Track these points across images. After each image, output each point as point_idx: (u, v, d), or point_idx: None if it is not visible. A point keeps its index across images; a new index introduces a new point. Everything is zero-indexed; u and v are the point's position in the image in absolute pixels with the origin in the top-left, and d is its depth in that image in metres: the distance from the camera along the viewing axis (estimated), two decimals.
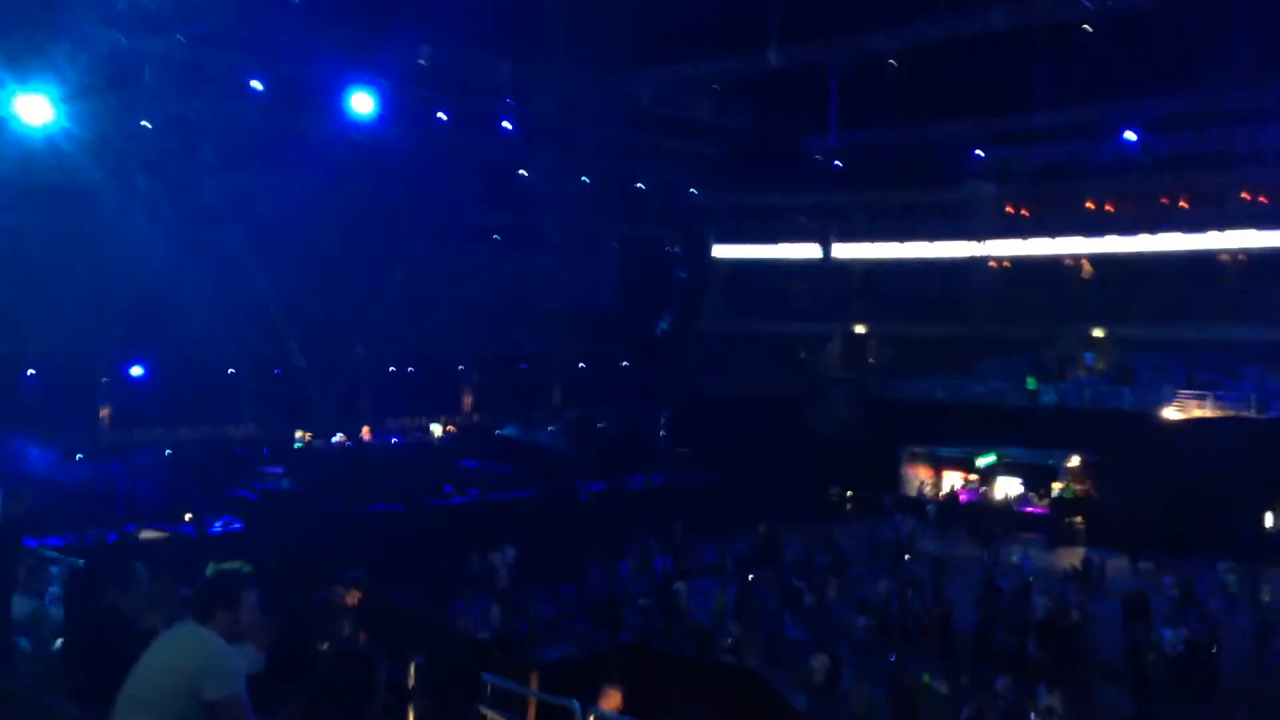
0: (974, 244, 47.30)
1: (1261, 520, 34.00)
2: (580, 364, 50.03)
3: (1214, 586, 27.92)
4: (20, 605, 7.25)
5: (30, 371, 34.32)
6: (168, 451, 36.89)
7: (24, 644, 6.70)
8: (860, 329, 49.21)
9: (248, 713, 4.44)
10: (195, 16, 32.79)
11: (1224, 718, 20.14)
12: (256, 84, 36.78)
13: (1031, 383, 41.12)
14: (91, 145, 33.69)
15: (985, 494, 39.82)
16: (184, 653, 4.55)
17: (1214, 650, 22.20)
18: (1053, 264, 47.08)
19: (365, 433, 39.31)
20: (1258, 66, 35.98)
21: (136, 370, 36.78)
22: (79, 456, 34.76)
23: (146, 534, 28.36)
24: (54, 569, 8.46)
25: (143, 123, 35.02)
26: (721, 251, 52.06)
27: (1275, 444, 33.76)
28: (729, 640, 23.05)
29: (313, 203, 38.02)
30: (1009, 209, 47.99)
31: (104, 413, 36.30)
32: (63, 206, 34.14)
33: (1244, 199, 42.56)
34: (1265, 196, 42.07)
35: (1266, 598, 27.38)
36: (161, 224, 34.36)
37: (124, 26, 32.59)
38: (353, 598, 8.04)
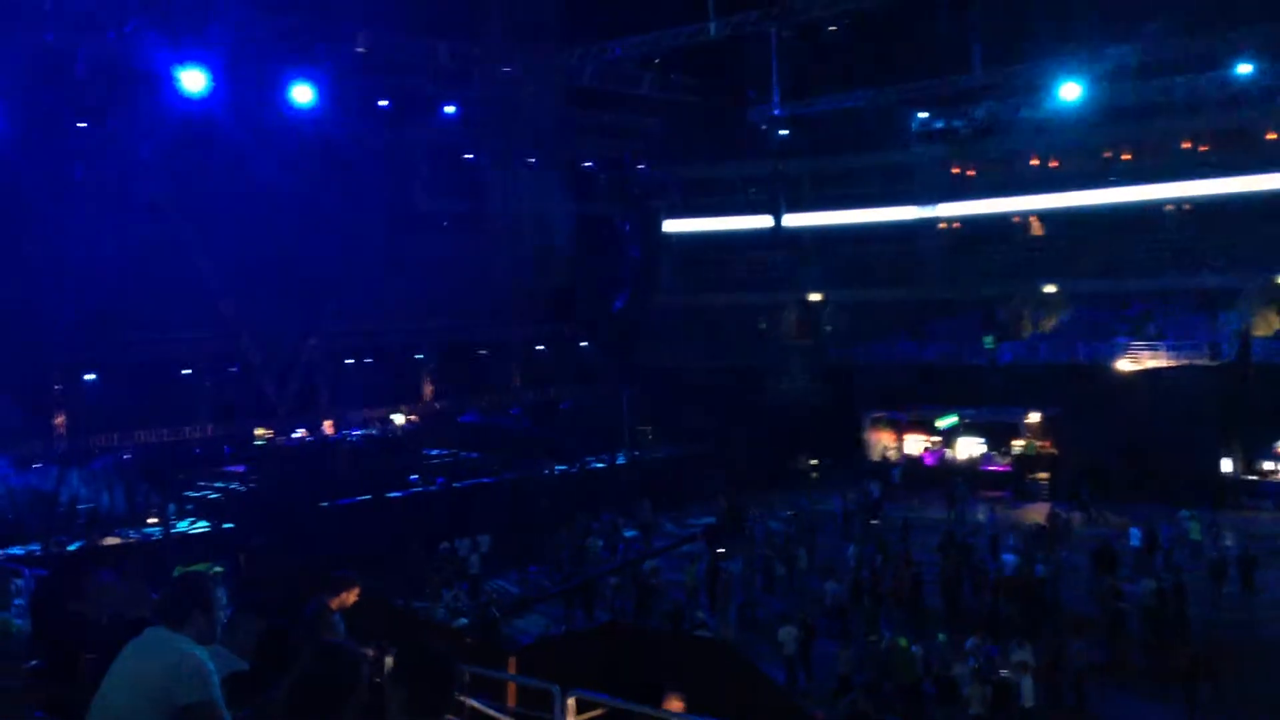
0: (922, 206, 47.55)
1: (1218, 466, 34.53)
2: (539, 346, 49.87)
3: (1177, 535, 28.27)
4: None
5: None
6: (126, 456, 36.45)
7: None
8: (815, 297, 49.39)
9: (221, 717, 4.38)
10: (127, 12, 32.20)
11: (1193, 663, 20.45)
12: (194, 77, 36.17)
13: (988, 342, 41.47)
14: (25, 149, 33.12)
15: (948, 455, 40.14)
16: (154, 658, 4.48)
17: (1182, 598, 22.54)
18: (1001, 222, 47.48)
19: (327, 427, 39.01)
20: (1191, 16, 36.35)
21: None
22: (36, 466, 34.29)
23: (110, 540, 28.04)
24: (18, 580, 8.34)
25: (78, 124, 34.43)
26: (672, 226, 52.02)
27: (1228, 390, 34.30)
28: (700, 615, 23.14)
29: (258, 196, 37.58)
30: (955, 170, 48.28)
31: (59, 420, 35.78)
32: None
33: (1185, 149, 43.04)
34: (1205, 145, 42.58)
35: (1228, 542, 27.85)
36: (104, 225, 33.81)
37: (54, 26, 32.00)
38: (351, 597, 7.89)
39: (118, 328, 35.16)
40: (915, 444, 41.47)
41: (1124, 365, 38.31)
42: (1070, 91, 38.73)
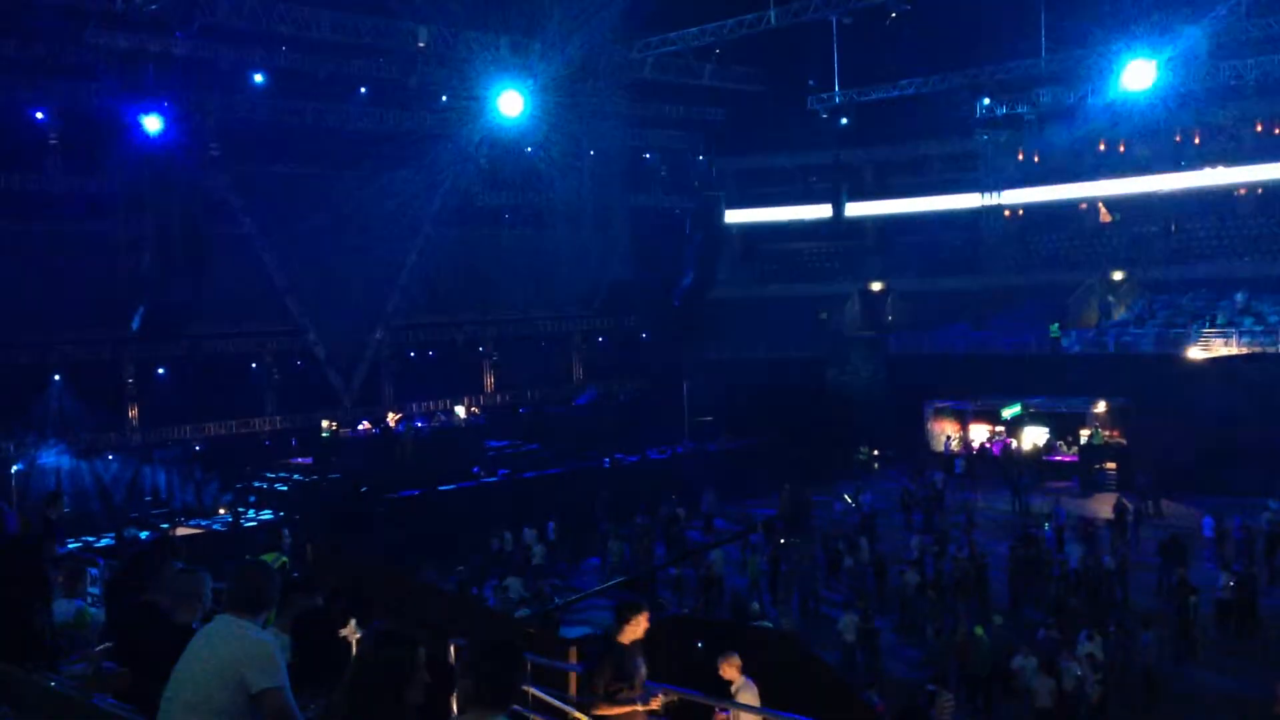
0: (987, 194, 46.92)
1: None
2: (599, 338, 50.01)
3: (1252, 525, 27.68)
4: (63, 607, 7.32)
5: (56, 377, 34.59)
6: (196, 448, 37.19)
7: (68, 646, 6.76)
8: (877, 286, 49.00)
9: (291, 703, 4.46)
10: (195, 12, 32.77)
11: (1259, 658, 20.14)
12: (259, 76, 36.74)
13: (1054, 330, 40.87)
14: (96, 147, 33.85)
15: (1013, 445, 39.64)
16: (226, 646, 4.57)
17: (1253, 590, 22.14)
18: (1068, 209, 46.76)
19: (391, 419, 39.44)
20: None
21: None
22: (110, 457, 35.09)
23: (182, 530, 28.61)
24: (92, 570, 8.53)
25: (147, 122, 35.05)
26: (733, 217, 51.87)
27: None
28: (757, 606, 23.08)
29: (322, 191, 38.11)
30: (1020, 156, 47.61)
31: (132, 413, 36.57)
32: (73, 210, 34.33)
33: (1258, 132, 42.09)
34: (1279, 128, 41.61)
35: None
36: (173, 222, 34.46)
37: (124, 25, 32.64)
38: (642, 624, 7.02)
39: (188, 323, 35.82)
40: (979, 434, 41.01)
41: (1195, 354, 37.56)
42: (1139, 77, 37.79)
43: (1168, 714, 18.40)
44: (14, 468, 31.56)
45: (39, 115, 34.00)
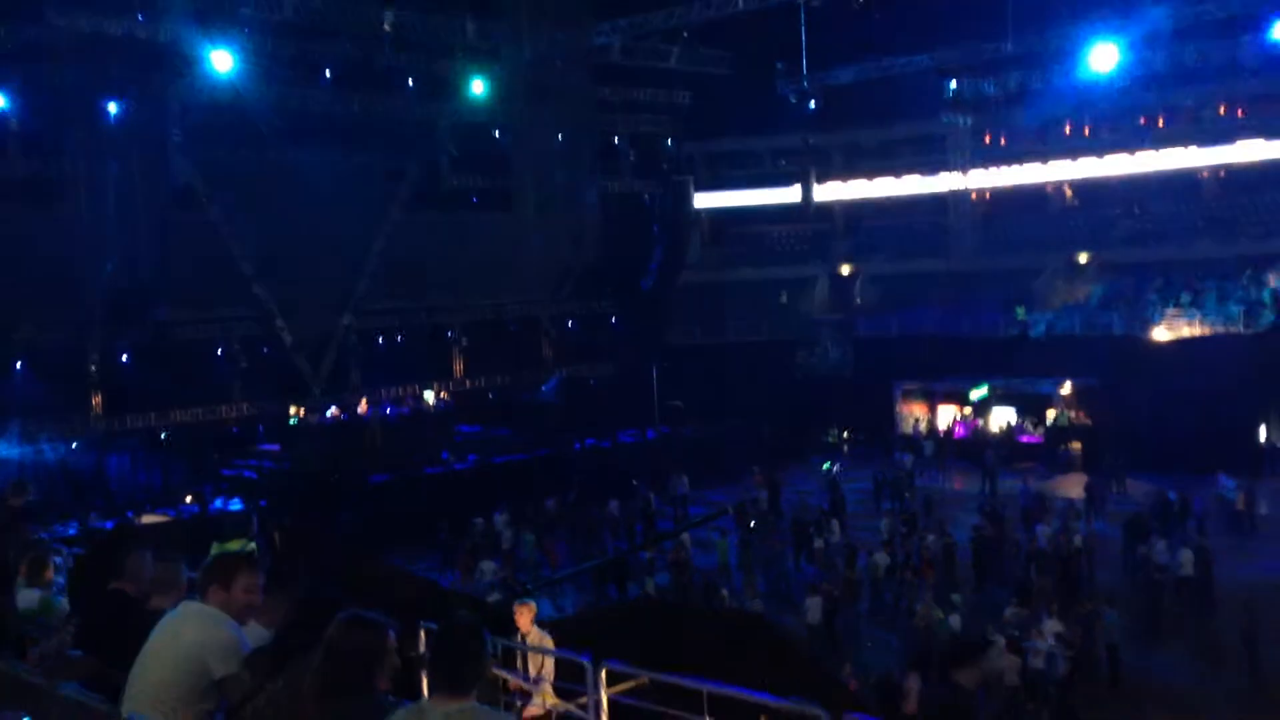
0: (953, 177, 47.08)
1: (1256, 434, 34.19)
2: (569, 322, 49.93)
3: (1214, 503, 28.07)
4: (27, 596, 7.26)
5: (18, 364, 34.19)
6: (163, 435, 36.85)
7: (33, 635, 6.69)
8: (845, 269, 49.15)
9: None
10: None
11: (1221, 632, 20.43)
12: (222, 59, 36.30)
13: (1020, 312, 41.12)
14: (57, 131, 33.43)
15: (981, 426, 39.90)
16: (189, 632, 4.56)
17: (1210, 566, 22.41)
18: (1034, 191, 47.00)
19: (362, 405, 39.24)
20: None
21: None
22: (74, 445, 34.73)
23: (148, 518, 28.41)
24: (58, 559, 8.46)
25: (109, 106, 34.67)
26: (702, 200, 51.86)
27: (1264, 358, 33.89)
28: (726, 590, 23.17)
29: (287, 176, 37.79)
30: (986, 139, 47.78)
31: (96, 400, 36.20)
32: (34, 196, 33.92)
33: (1221, 114, 42.42)
34: (1242, 110, 41.95)
35: (1264, 510, 27.66)
36: (136, 208, 34.08)
37: (84, 10, 32.22)
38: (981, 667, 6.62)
39: (153, 309, 35.48)
40: (947, 416, 41.25)
41: (1159, 334, 37.92)
42: (1103, 59, 37.96)
43: (1130, 693, 18.63)
44: None
45: None
